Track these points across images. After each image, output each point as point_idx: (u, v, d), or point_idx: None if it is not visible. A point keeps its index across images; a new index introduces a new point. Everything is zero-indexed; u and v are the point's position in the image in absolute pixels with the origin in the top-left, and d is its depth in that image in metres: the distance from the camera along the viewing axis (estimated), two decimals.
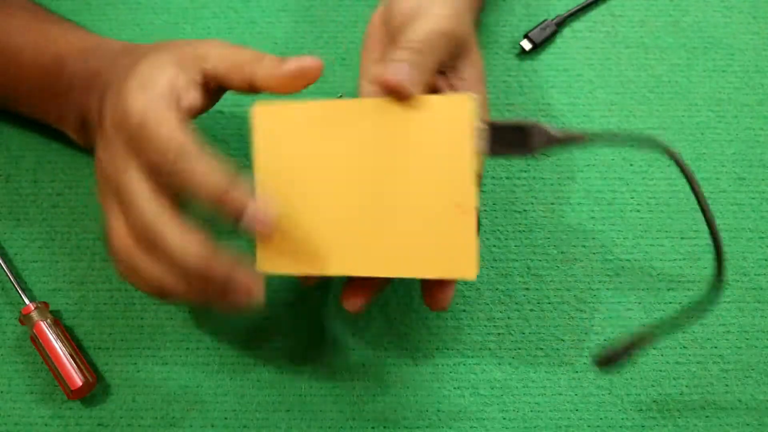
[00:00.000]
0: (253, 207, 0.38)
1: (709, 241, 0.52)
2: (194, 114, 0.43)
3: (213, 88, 0.44)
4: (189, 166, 0.39)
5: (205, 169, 0.39)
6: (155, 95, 0.40)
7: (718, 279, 0.42)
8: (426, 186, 0.40)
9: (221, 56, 0.43)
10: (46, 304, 0.48)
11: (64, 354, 0.46)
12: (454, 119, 0.39)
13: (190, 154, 0.39)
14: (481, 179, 0.43)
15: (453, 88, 0.44)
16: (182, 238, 0.39)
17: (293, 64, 0.43)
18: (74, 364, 0.46)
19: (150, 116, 0.40)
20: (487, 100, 0.46)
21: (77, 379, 0.46)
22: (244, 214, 0.38)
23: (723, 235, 0.52)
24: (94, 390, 0.48)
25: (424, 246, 0.40)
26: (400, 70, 0.40)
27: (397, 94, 0.40)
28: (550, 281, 0.51)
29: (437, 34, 0.43)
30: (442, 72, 0.44)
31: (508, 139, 0.40)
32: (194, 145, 0.39)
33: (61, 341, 0.47)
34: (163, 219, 0.39)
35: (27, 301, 0.48)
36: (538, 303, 0.50)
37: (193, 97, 0.42)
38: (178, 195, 0.40)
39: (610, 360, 0.44)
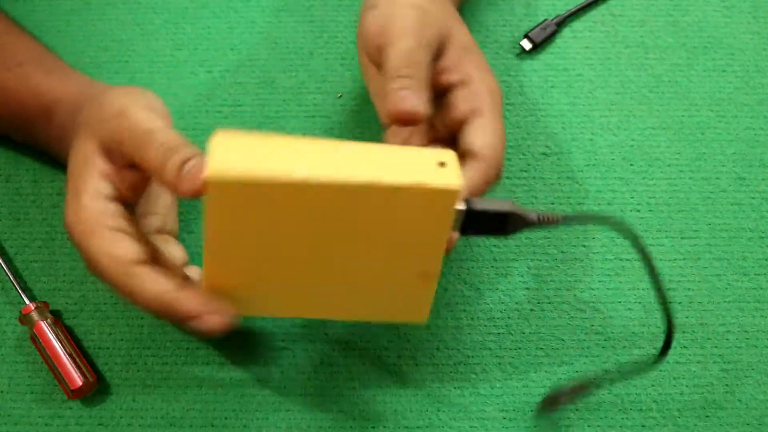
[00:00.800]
0: (204, 319, 0.41)
1: (709, 241, 0.52)
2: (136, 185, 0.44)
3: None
4: (128, 293, 0.41)
5: (144, 296, 0.41)
6: (86, 205, 0.42)
7: (667, 344, 0.43)
8: (393, 255, 0.39)
9: (134, 156, 0.41)
10: (46, 304, 0.48)
11: (64, 354, 0.46)
12: (436, 211, 0.36)
13: (125, 285, 0.41)
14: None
15: (460, 85, 0.45)
16: (147, 287, 0.41)
17: (190, 185, 0.38)
18: (74, 364, 0.46)
19: (90, 241, 0.41)
20: (495, 81, 0.45)
21: (77, 379, 0.46)
22: (194, 322, 0.41)
23: (723, 235, 0.52)
24: (94, 390, 0.48)
25: (381, 298, 0.42)
26: (407, 102, 0.41)
27: (413, 121, 0.41)
28: (550, 281, 0.51)
29: (414, 49, 0.43)
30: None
31: (484, 223, 0.39)
32: (124, 277, 0.41)
33: (61, 341, 0.47)
34: (131, 280, 0.41)
35: (27, 301, 0.48)
36: (538, 303, 0.50)
37: (128, 179, 0.43)
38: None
39: (553, 402, 0.45)
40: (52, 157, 0.51)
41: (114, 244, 0.41)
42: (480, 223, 0.39)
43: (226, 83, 0.55)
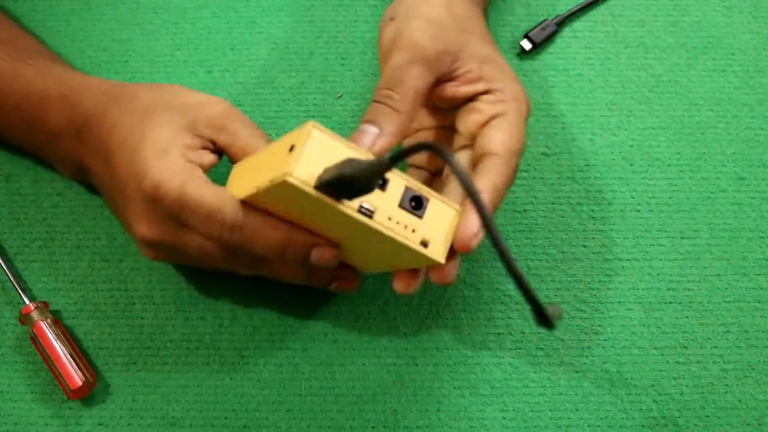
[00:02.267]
0: (317, 250, 0.42)
1: (709, 241, 0.52)
2: (210, 169, 0.45)
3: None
4: (247, 235, 0.41)
5: (263, 234, 0.41)
6: (179, 167, 0.42)
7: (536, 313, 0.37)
8: (396, 260, 0.42)
9: (237, 141, 0.44)
10: (46, 304, 0.48)
11: (64, 354, 0.46)
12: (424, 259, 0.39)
13: (242, 226, 0.41)
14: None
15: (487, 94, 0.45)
16: (269, 220, 0.41)
17: None
18: (74, 364, 0.46)
19: (189, 194, 0.41)
20: (522, 89, 0.45)
21: (77, 379, 0.46)
22: (311, 255, 0.42)
23: (723, 235, 0.52)
24: (94, 390, 0.48)
25: (395, 262, 0.44)
26: (361, 140, 0.42)
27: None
28: (550, 281, 0.51)
29: (400, 67, 0.43)
30: (451, 79, 0.45)
31: (344, 188, 0.37)
32: (239, 215, 0.41)
33: (61, 341, 0.47)
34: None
35: (27, 301, 0.48)
36: None
37: (208, 159, 0.44)
38: None
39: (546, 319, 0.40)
40: (54, 156, 0.51)
41: (219, 189, 0.41)
42: (342, 188, 0.37)
43: (226, 83, 0.55)
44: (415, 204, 0.39)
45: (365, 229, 0.38)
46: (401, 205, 0.38)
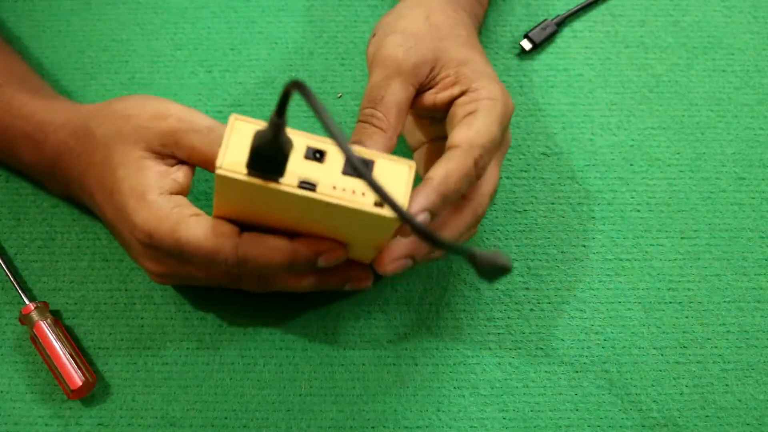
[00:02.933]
0: (323, 257, 0.42)
1: (709, 241, 0.52)
2: (190, 180, 0.45)
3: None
4: (251, 265, 0.41)
5: (267, 258, 0.41)
6: (164, 211, 0.42)
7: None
8: (352, 238, 0.42)
9: (194, 153, 0.43)
10: (46, 304, 0.48)
11: (64, 354, 0.46)
12: (379, 223, 0.39)
13: (245, 259, 0.41)
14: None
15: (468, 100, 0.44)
16: (271, 243, 0.41)
17: None
18: (74, 364, 0.46)
19: (183, 240, 0.41)
20: (500, 89, 0.44)
21: (77, 379, 0.46)
22: (318, 262, 0.42)
23: (723, 235, 0.52)
24: (94, 390, 0.48)
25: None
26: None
27: None
28: (550, 281, 0.51)
29: (376, 85, 0.44)
30: (431, 87, 0.45)
31: (262, 163, 0.37)
32: (239, 249, 0.41)
33: (61, 341, 0.47)
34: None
35: (27, 301, 0.48)
36: (538, 303, 0.50)
37: (183, 175, 0.44)
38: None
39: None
40: (39, 182, 0.51)
41: (212, 225, 0.41)
42: (266, 164, 0.37)
43: (226, 83, 0.55)
44: (363, 165, 0.38)
45: (318, 206, 0.38)
46: (345, 172, 0.38)
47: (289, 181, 0.37)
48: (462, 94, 0.44)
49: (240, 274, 0.43)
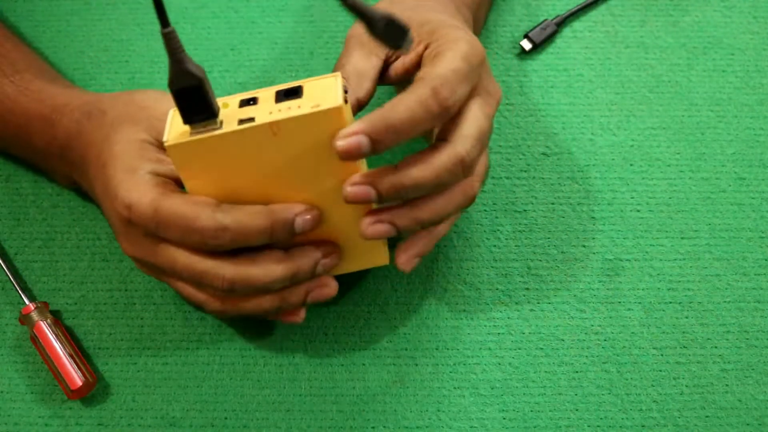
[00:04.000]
0: (299, 219, 0.41)
1: (709, 241, 0.52)
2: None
3: None
4: (232, 233, 0.40)
5: (247, 224, 0.40)
6: (149, 185, 0.41)
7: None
8: (327, 188, 0.42)
9: None
10: (46, 304, 0.48)
11: (64, 354, 0.46)
12: (332, 130, 0.39)
13: (225, 227, 0.40)
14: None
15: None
16: (243, 219, 0.40)
17: None
18: (74, 364, 0.46)
19: (162, 209, 0.40)
20: (469, 39, 0.43)
21: (77, 379, 0.46)
22: (295, 226, 0.41)
23: (723, 235, 0.52)
24: (94, 390, 0.48)
25: (344, 249, 0.45)
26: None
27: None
28: (550, 281, 0.51)
29: (344, 56, 0.45)
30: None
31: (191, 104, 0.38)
32: (218, 215, 0.40)
33: (61, 341, 0.47)
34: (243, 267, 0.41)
35: (27, 301, 0.48)
36: (538, 303, 0.50)
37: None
38: None
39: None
40: (47, 170, 0.51)
41: (190, 196, 0.41)
42: (197, 106, 0.38)
43: (226, 83, 0.55)
44: (291, 92, 0.40)
45: (266, 140, 0.39)
46: (278, 100, 0.39)
47: (229, 126, 0.39)
48: (426, 48, 0.43)
49: (216, 247, 0.41)
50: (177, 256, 0.41)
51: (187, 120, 0.38)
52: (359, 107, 0.44)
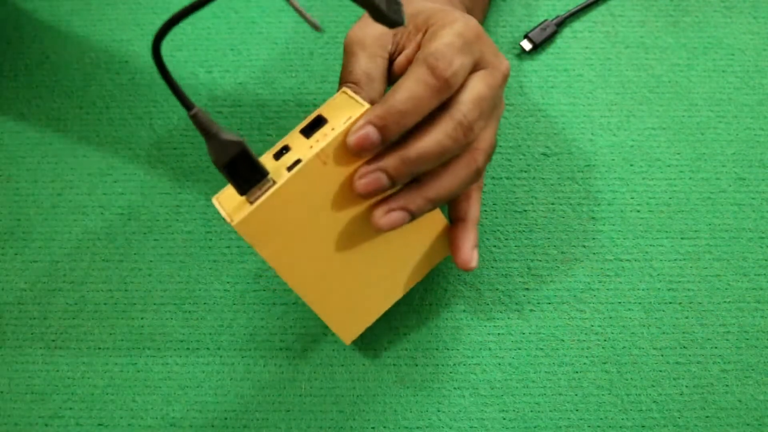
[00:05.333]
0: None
1: (710, 241, 0.52)
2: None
3: None
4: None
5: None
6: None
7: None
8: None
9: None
10: None
11: None
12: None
13: None
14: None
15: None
16: None
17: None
18: None
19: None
20: (467, 19, 0.43)
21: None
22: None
23: (723, 236, 0.52)
24: (94, 390, 0.48)
25: (414, 254, 0.45)
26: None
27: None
28: (550, 281, 0.51)
29: (348, 61, 0.44)
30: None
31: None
32: None
33: None
34: None
35: None
36: (538, 303, 0.50)
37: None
38: None
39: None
40: None
41: None
42: (247, 178, 0.38)
43: (226, 83, 0.55)
44: (314, 124, 0.40)
45: (317, 173, 0.39)
46: (309, 137, 0.40)
47: (282, 177, 0.38)
48: (425, 35, 0.43)
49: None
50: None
51: (242, 191, 0.38)
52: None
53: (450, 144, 0.40)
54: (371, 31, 0.44)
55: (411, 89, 0.39)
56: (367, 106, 0.39)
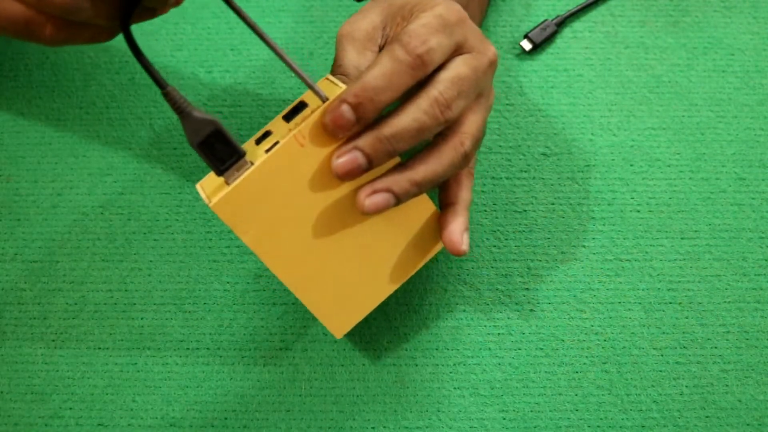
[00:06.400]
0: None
1: (710, 241, 0.52)
2: None
3: None
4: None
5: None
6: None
7: None
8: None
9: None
10: None
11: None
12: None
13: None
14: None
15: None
16: None
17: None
18: None
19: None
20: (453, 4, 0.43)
21: None
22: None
23: (723, 236, 0.52)
24: (94, 390, 0.48)
25: (406, 244, 0.45)
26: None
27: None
28: (550, 281, 0.51)
29: (340, 53, 0.44)
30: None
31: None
32: None
33: None
34: None
35: None
36: (538, 303, 0.50)
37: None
38: None
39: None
40: None
41: None
42: (223, 156, 0.38)
43: (226, 83, 0.55)
44: (296, 109, 0.40)
45: (295, 155, 0.39)
46: (289, 120, 0.40)
47: (259, 159, 0.39)
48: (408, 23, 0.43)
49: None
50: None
51: (219, 171, 0.38)
52: None
53: (426, 120, 0.40)
54: (362, 25, 0.44)
55: (383, 65, 0.39)
56: (343, 86, 0.39)
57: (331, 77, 0.41)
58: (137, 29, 0.57)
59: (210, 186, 0.40)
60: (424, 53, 0.39)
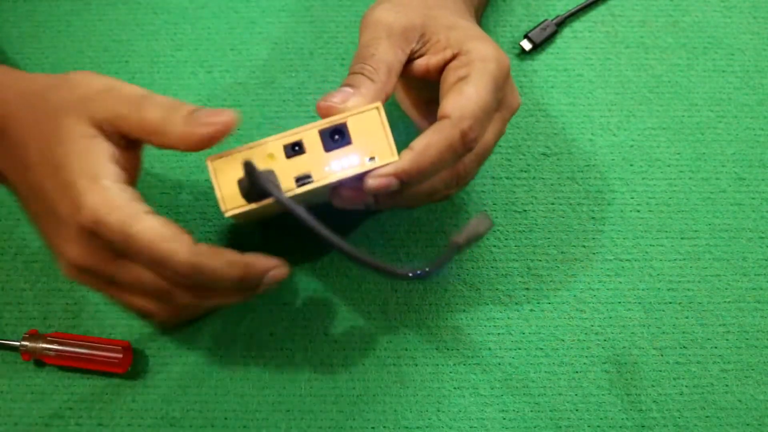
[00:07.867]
0: (269, 276, 0.41)
1: (709, 241, 0.52)
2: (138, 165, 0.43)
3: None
4: (203, 277, 0.39)
5: (220, 274, 0.39)
6: (117, 199, 0.39)
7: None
8: None
9: (133, 121, 0.40)
10: (33, 331, 0.48)
11: (85, 349, 0.47)
12: None
13: (199, 269, 0.39)
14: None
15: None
16: (227, 256, 0.40)
17: (207, 128, 0.40)
18: (101, 349, 0.47)
19: (135, 236, 0.38)
20: (494, 49, 0.44)
21: (115, 355, 0.47)
22: (265, 278, 0.41)
23: (723, 236, 0.52)
24: (94, 390, 0.48)
25: None
26: (339, 97, 0.42)
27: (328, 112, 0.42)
28: (550, 281, 0.51)
29: (373, 41, 0.44)
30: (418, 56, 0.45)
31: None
32: (194, 258, 0.39)
33: (73, 345, 0.47)
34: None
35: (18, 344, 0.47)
36: (538, 303, 0.50)
37: (133, 161, 0.42)
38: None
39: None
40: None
41: (169, 227, 0.39)
42: (255, 188, 0.39)
43: (226, 83, 0.55)
44: (338, 136, 0.40)
45: (321, 191, 0.40)
46: (327, 149, 0.40)
47: (287, 185, 0.39)
48: (453, 57, 0.44)
49: (181, 283, 0.40)
50: (142, 274, 0.40)
51: (250, 200, 0.39)
52: (385, 100, 0.44)
53: (447, 153, 0.42)
54: (401, 20, 0.44)
55: (441, 152, 0.41)
56: (396, 158, 0.40)
57: (382, 113, 0.41)
58: (137, 29, 0.57)
59: (225, 179, 0.39)
60: (477, 138, 0.42)
